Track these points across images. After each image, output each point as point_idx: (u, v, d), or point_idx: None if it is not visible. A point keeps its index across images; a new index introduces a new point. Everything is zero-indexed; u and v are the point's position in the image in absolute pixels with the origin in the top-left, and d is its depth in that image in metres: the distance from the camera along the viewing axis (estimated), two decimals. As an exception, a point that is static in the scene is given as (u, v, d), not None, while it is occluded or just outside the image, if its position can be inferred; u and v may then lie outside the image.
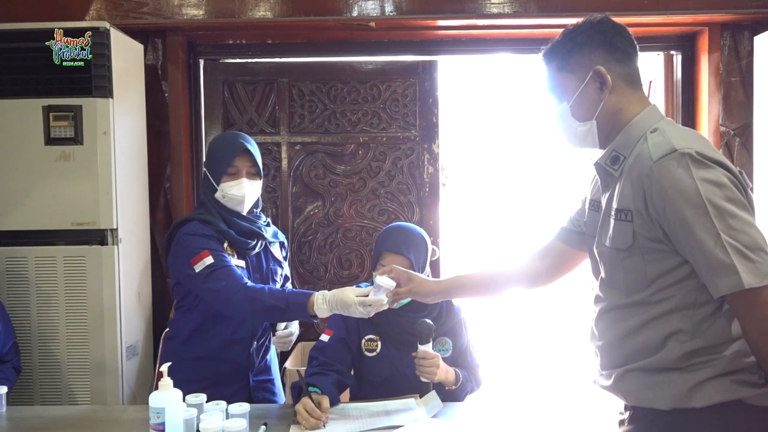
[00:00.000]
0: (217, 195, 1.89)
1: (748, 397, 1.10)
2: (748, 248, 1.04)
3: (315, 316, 1.74)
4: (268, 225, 2.04)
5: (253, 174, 1.92)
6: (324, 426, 1.59)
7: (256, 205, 2.01)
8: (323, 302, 1.71)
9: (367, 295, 1.67)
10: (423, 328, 1.74)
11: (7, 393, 1.76)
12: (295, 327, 2.07)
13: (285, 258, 2.09)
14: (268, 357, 2.02)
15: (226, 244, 1.87)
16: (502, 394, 3.88)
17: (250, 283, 1.78)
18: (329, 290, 1.76)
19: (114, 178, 2.46)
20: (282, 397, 2.09)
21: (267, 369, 2.02)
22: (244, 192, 1.88)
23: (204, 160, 2.02)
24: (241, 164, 1.90)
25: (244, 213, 1.92)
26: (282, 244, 2.09)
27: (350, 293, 1.69)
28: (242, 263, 1.89)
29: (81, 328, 2.42)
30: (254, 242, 1.92)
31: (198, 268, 1.76)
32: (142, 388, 2.62)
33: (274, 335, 2.03)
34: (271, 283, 1.97)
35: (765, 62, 2.72)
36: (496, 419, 1.71)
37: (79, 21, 2.65)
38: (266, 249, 1.99)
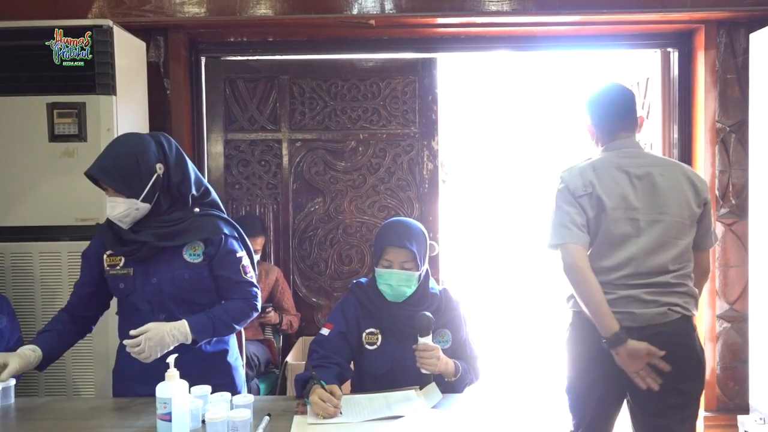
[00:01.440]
0: None
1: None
2: (559, 225, 1.84)
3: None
4: (180, 222, 1.78)
5: (116, 192, 1.71)
6: (341, 414, 1.62)
7: (172, 204, 1.79)
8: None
9: None
10: (423, 321, 1.77)
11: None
12: (145, 337, 1.64)
13: (213, 255, 1.81)
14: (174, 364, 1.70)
15: (109, 253, 1.80)
16: (500, 386, 3.92)
17: (62, 310, 1.86)
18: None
19: (117, 174, 2.48)
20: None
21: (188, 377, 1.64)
22: (112, 212, 1.73)
23: None
24: (105, 184, 1.73)
25: (125, 227, 1.75)
26: (210, 241, 1.80)
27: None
28: (126, 271, 1.77)
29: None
30: (136, 250, 1.76)
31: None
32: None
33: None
34: (180, 291, 1.77)
35: (761, 59, 2.75)
36: (494, 410, 1.74)
37: (81, 19, 2.68)
38: (171, 253, 1.78)
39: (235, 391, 1.85)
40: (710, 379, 3.02)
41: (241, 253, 1.86)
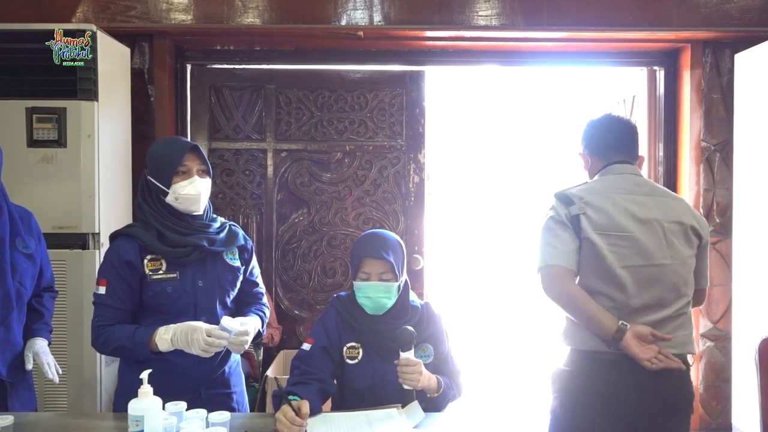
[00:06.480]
0: (169, 198, 1.81)
1: None
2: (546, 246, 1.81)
3: (159, 352, 1.72)
4: (222, 230, 1.91)
5: (203, 172, 1.87)
6: None
7: (206, 209, 1.91)
8: (165, 333, 1.71)
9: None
10: (405, 335, 1.74)
11: None
12: (250, 327, 1.86)
13: (248, 261, 1.99)
14: (225, 369, 1.89)
15: (150, 257, 1.79)
16: (483, 404, 3.89)
17: (111, 324, 1.77)
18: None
19: (97, 181, 2.44)
20: (246, 409, 2.00)
21: (224, 382, 1.90)
22: (199, 190, 1.82)
23: (146, 167, 1.87)
24: (191, 162, 1.84)
25: (200, 212, 1.86)
26: (244, 248, 1.98)
27: (199, 324, 1.72)
28: (174, 275, 1.80)
29: (59, 333, 2.37)
30: (189, 253, 1.81)
31: (96, 290, 1.82)
32: (121, 394, 2.58)
33: None
34: (223, 293, 1.88)
35: (745, 79, 2.78)
36: (477, 430, 1.71)
37: (65, 23, 2.63)
38: (214, 257, 1.88)
39: (234, 398, 1.92)
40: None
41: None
